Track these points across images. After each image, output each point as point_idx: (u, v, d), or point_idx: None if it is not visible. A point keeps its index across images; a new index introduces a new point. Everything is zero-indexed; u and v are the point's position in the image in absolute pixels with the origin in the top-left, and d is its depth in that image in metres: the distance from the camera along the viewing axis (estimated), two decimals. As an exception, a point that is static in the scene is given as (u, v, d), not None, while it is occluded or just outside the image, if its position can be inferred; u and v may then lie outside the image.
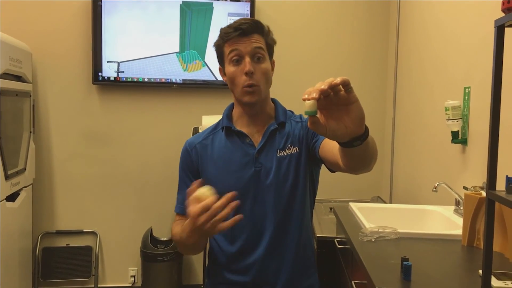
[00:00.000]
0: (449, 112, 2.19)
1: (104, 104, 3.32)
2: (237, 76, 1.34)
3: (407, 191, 3.06)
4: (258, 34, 1.36)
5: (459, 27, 2.35)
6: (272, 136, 1.40)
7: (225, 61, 1.38)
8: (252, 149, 1.39)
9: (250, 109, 1.40)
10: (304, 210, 1.41)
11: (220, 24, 3.26)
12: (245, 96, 1.35)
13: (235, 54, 1.34)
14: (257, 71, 1.34)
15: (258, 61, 1.35)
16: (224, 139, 1.43)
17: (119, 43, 3.22)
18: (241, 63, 1.34)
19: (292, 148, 1.39)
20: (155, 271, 3.13)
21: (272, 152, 1.39)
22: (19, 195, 2.87)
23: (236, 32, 1.33)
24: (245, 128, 1.42)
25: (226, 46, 1.36)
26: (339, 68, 3.43)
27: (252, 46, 1.33)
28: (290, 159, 1.38)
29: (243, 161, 1.38)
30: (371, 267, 1.43)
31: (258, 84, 1.34)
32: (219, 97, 3.35)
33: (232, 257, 1.40)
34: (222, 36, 1.37)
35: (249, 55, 1.33)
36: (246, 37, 1.33)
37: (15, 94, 2.80)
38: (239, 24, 1.34)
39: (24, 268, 2.98)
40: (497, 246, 1.59)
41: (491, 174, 1.09)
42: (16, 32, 3.02)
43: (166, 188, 3.37)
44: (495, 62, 1.08)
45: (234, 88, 1.37)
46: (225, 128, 1.44)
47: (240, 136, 1.41)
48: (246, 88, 1.33)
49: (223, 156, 1.41)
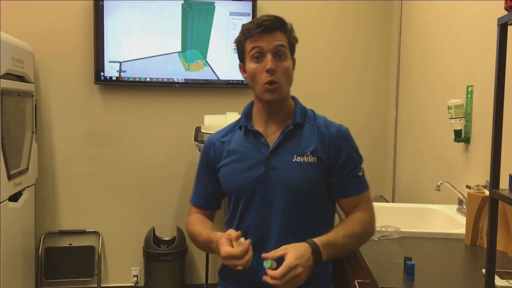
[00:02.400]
0: (451, 110, 2.19)
1: (106, 104, 3.33)
2: (258, 73, 1.33)
3: (409, 190, 3.05)
4: (280, 31, 1.35)
5: (462, 25, 2.34)
6: (288, 138, 1.38)
7: (246, 58, 1.37)
8: (265, 149, 1.37)
9: (269, 106, 1.39)
10: (317, 218, 1.39)
11: (221, 23, 3.27)
12: (266, 94, 1.33)
13: (257, 51, 1.33)
14: (278, 69, 1.32)
15: (279, 59, 1.33)
16: (241, 137, 1.43)
17: (121, 43, 3.22)
18: (263, 60, 1.32)
19: (311, 156, 1.35)
20: (158, 270, 3.13)
21: (287, 155, 1.36)
22: (22, 195, 2.87)
23: (258, 29, 1.31)
24: (262, 127, 1.41)
25: (247, 43, 1.35)
26: (341, 67, 3.43)
27: (274, 44, 1.32)
28: (308, 166, 1.35)
29: (255, 161, 1.37)
30: (374, 267, 1.43)
31: (279, 82, 1.32)
32: (221, 97, 3.35)
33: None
34: (244, 32, 1.35)
35: (271, 52, 1.32)
36: (269, 34, 1.32)
37: (17, 94, 2.80)
38: (262, 20, 1.32)
39: (27, 268, 2.98)
40: (501, 245, 1.58)
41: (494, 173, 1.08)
42: (18, 32, 3.03)
43: (169, 187, 3.37)
44: (498, 60, 1.07)
45: (255, 85, 1.36)
46: (243, 127, 1.43)
47: (255, 135, 1.40)
48: (266, 86, 1.32)
49: (237, 154, 1.41)
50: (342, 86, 3.43)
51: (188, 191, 3.36)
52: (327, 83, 3.41)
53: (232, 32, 3.28)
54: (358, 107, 3.46)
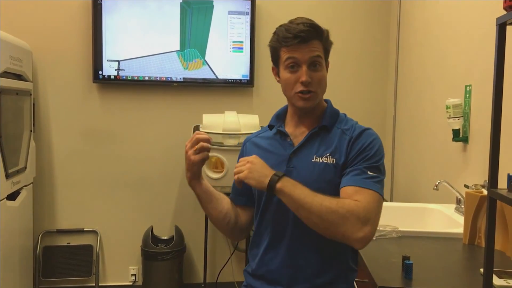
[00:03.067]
0: (450, 110, 2.19)
1: (104, 102, 3.32)
2: (292, 83, 1.35)
3: (408, 190, 3.05)
4: (317, 40, 1.34)
5: (460, 25, 2.35)
6: (313, 139, 1.40)
7: (280, 65, 1.38)
8: (289, 149, 1.40)
9: (301, 111, 1.41)
10: None
11: (220, 22, 3.26)
12: (299, 101, 1.36)
13: (292, 61, 1.33)
14: (313, 79, 1.34)
15: (314, 69, 1.34)
16: (270, 137, 1.48)
17: (119, 42, 3.21)
18: (298, 70, 1.33)
19: (330, 157, 1.35)
20: (156, 269, 3.13)
21: (308, 155, 1.38)
22: (20, 194, 2.86)
23: (295, 40, 1.31)
24: (292, 129, 1.45)
25: (282, 51, 1.35)
26: (340, 66, 3.42)
27: (310, 55, 1.32)
28: (325, 167, 1.35)
29: (279, 160, 1.40)
30: (373, 266, 1.43)
31: (314, 91, 1.35)
32: (220, 96, 3.34)
33: (260, 254, 1.42)
34: (280, 40, 1.34)
35: (306, 63, 1.32)
36: (305, 44, 1.32)
37: (15, 93, 2.80)
38: (299, 31, 1.31)
39: (25, 267, 2.98)
40: (499, 244, 1.59)
41: (492, 172, 1.08)
42: (16, 31, 3.02)
43: (167, 186, 3.37)
44: (496, 60, 1.07)
45: (288, 92, 1.38)
46: (271, 127, 1.49)
47: (282, 135, 1.44)
48: (300, 94, 1.34)
49: (264, 152, 1.44)
50: (341, 85, 3.43)
51: (187, 190, 3.36)
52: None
53: (230, 31, 3.27)
54: (356, 106, 3.46)
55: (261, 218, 1.44)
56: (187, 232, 3.35)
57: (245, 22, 3.28)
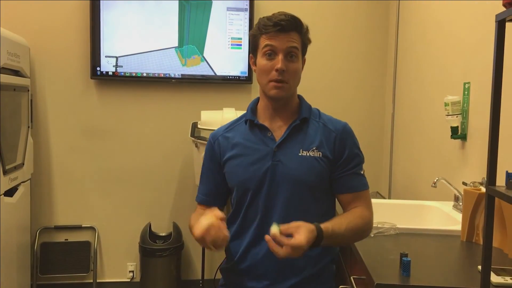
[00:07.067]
0: (448, 107, 2.19)
1: (102, 99, 3.31)
2: (268, 70, 1.36)
3: (406, 187, 3.05)
4: (296, 32, 1.37)
5: (459, 22, 2.34)
6: (295, 132, 1.41)
7: (258, 53, 1.39)
8: (272, 143, 1.40)
9: (275, 103, 1.42)
10: (319, 212, 1.40)
11: (219, 19, 3.25)
12: (272, 90, 1.37)
13: (270, 49, 1.35)
14: (288, 69, 1.35)
15: (290, 60, 1.36)
16: (246, 132, 1.46)
17: (117, 38, 3.20)
18: (274, 58, 1.35)
19: (316, 151, 1.38)
20: (154, 266, 3.13)
21: (293, 149, 1.39)
22: (17, 190, 2.86)
23: (275, 28, 1.34)
24: (268, 122, 1.44)
25: (262, 38, 1.37)
26: (338, 64, 3.42)
27: (288, 45, 1.35)
28: (314, 161, 1.38)
29: (262, 154, 1.40)
30: (370, 263, 1.43)
31: (287, 82, 1.36)
32: (218, 92, 3.34)
33: (244, 247, 1.42)
34: (260, 28, 1.38)
35: (283, 52, 1.35)
36: (284, 33, 1.35)
37: (13, 89, 2.79)
38: (280, 19, 1.35)
39: (23, 263, 2.97)
40: (496, 241, 1.59)
41: (491, 170, 1.08)
42: (14, 27, 3.01)
43: (165, 183, 3.37)
44: (495, 57, 1.07)
45: (262, 80, 1.39)
46: (248, 121, 1.46)
47: (261, 130, 1.43)
48: (273, 83, 1.36)
49: (243, 148, 1.43)
50: (339, 83, 3.42)
51: (185, 186, 3.39)
52: (325, 80, 3.40)
53: (229, 28, 3.26)
54: (355, 104, 3.46)
55: (245, 213, 1.43)
56: (185, 228, 3.35)
57: (244, 19, 3.27)
